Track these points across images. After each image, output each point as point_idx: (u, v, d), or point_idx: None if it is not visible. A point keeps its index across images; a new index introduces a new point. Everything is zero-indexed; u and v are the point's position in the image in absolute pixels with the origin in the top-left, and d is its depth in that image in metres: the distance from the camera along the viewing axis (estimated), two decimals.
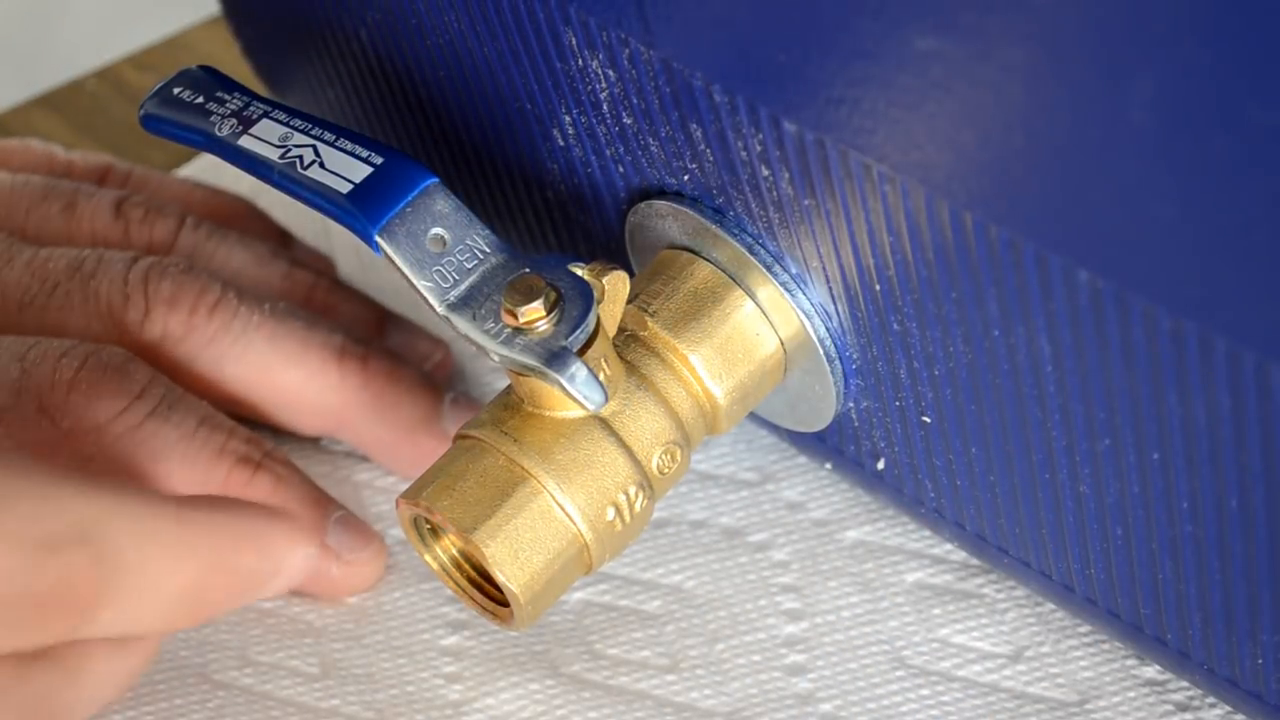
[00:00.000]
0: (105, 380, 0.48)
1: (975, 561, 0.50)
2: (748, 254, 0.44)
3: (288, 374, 0.51)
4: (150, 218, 0.54)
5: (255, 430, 0.52)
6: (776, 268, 0.44)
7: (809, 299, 0.44)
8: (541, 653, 0.49)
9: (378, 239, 0.43)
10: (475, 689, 0.48)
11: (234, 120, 0.46)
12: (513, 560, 0.43)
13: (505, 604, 0.44)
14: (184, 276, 0.51)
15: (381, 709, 0.48)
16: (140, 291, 0.50)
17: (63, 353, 0.49)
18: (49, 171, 0.57)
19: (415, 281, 0.43)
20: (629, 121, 0.44)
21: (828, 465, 0.50)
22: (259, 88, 0.60)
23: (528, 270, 0.43)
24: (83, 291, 0.51)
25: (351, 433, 0.52)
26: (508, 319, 0.43)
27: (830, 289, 0.43)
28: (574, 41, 0.43)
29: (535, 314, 0.42)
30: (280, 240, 0.58)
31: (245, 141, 0.46)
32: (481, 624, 0.50)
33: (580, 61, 0.44)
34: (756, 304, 0.45)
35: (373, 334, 0.55)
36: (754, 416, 0.49)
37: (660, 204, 0.46)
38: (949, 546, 0.50)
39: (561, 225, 0.51)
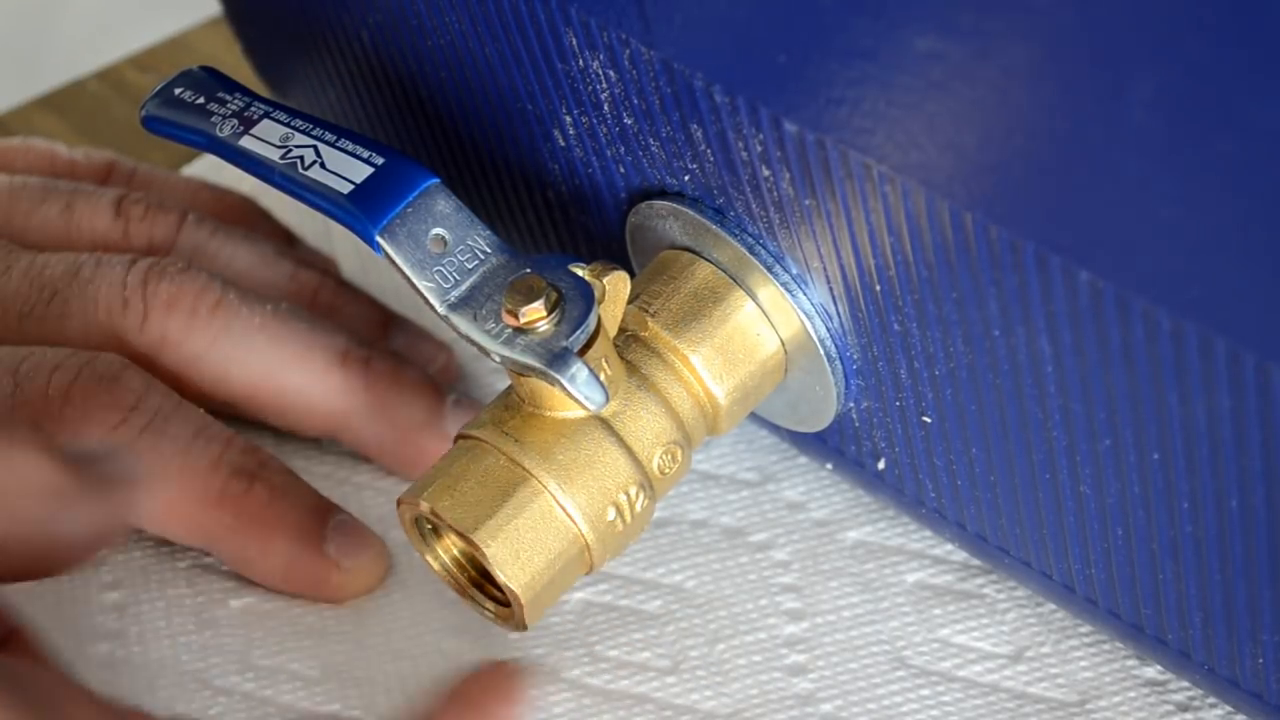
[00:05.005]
0: (99, 393, 0.48)
1: (976, 562, 0.50)
2: (748, 254, 0.44)
3: (290, 377, 0.51)
4: (151, 215, 0.54)
5: (256, 434, 0.52)
6: (777, 268, 0.44)
7: (810, 299, 0.44)
8: (542, 657, 0.49)
9: (379, 239, 0.43)
10: None
11: (235, 121, 0.46)
12: (514, 560, 0.43)
13: (507, 604, 0.44)
14: (183, 277, 0.50)
15: (382, 713, 0.48)
16: (139, 294, 0.50)
17: (56, 365, 0.49)
18: (51, 171, 0.56)
19: (416, 282, 0.43)
20: (630, 122, 0.44)
21: (828, 465, 0.50)
22: (260, 88, 0.60)
23: (528, 270, 0.43)
24: (81, 298, 0.50)
25: (353, 435, 0.52)
26: (508, 319, 0.43)
27: (831, 289, 0.43)
28: (575, 42, 0.43)
29: (536, 314, 0.42)
30: (285, 240, 0.57)
31: (246, 142, 0.46)
32: (483, 627, 0.50)
33: (581, 62, 0.44)
34: (757, 304, 0.45)
35: (377, 336, 0.55)
36: (755, 417, 0.49)
37: (661, 204, 0.46)
38: (950, 547, 0.50)
39: (562, 225, 0.51)
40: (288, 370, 0.51)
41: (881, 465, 0.47)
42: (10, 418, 0.48)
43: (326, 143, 0.45)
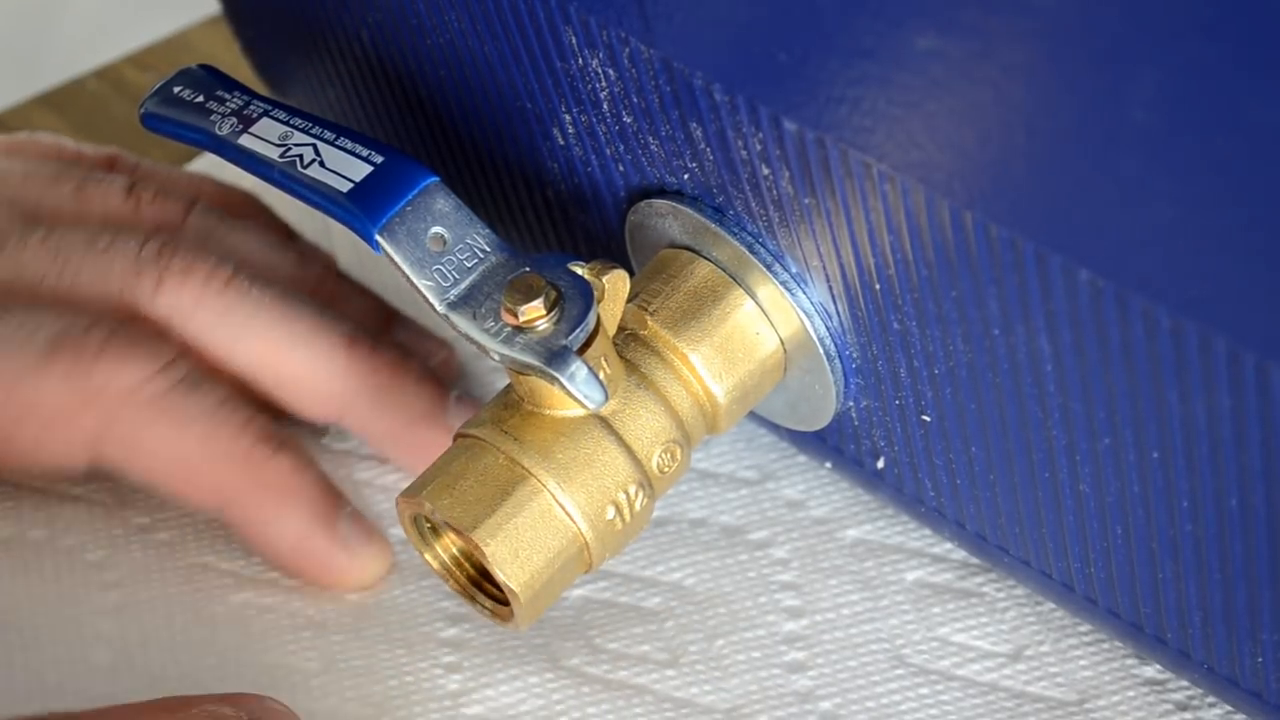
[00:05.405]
0: (134, 347, 0.49)
1: (975, 560, 0.50)
2: (748, 253, 0.44)
3: (296, 356, 0.51)
4: (160, 200, 0.54)
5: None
6: (776, 267, 0.44)
7: (809, 298, 0.44)
8: (541, 645, 0.49)
9: (378, 238, 0.43)
10: (475, 680, 0.48)
11: (234, 119, 0.46)
12: (513, 559, 0.43)
13: (505, 603, 0.44)
14: (197, 253, 0.51)
15: (380, 702, 0.48)
16: (153, 265, 0.51)
17: (92, 323, 0.49)
18: (58, 160, 0.57)
19: (415, 280, 0.43)
20: (629, 120, 0.44)
21: (827, 464, 0.50)
22: (259, 87, 0.60)
23: (528, 269, 0.43)
24: (96, 266, 0.51)
25: (355, 420, 0.52)
26: (508, 318, 0.43)
27: (830, 288, 0.43)
28: (574, 40, 0.43)
29: (535, 313, 0.42)
30: (286, 235, 0.58)
31: (245, 140, 0.46)
32: (481, 618, 0.50)
33: (580, 60, 0.44)
34: (756, 303, 0.45)
35: (379, 330, 0.55)
36: (754, 415, 0.49)
37: (660, 203, 0.46)
38: (949, 545, 0.50)
39: (561, 224, 0.51)
40: (296, 349, 0.51)
41: (881, 464, 0.47)
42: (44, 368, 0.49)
43: (325, 141, 0.45)
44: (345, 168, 0.44)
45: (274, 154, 0.45)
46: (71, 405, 0.49)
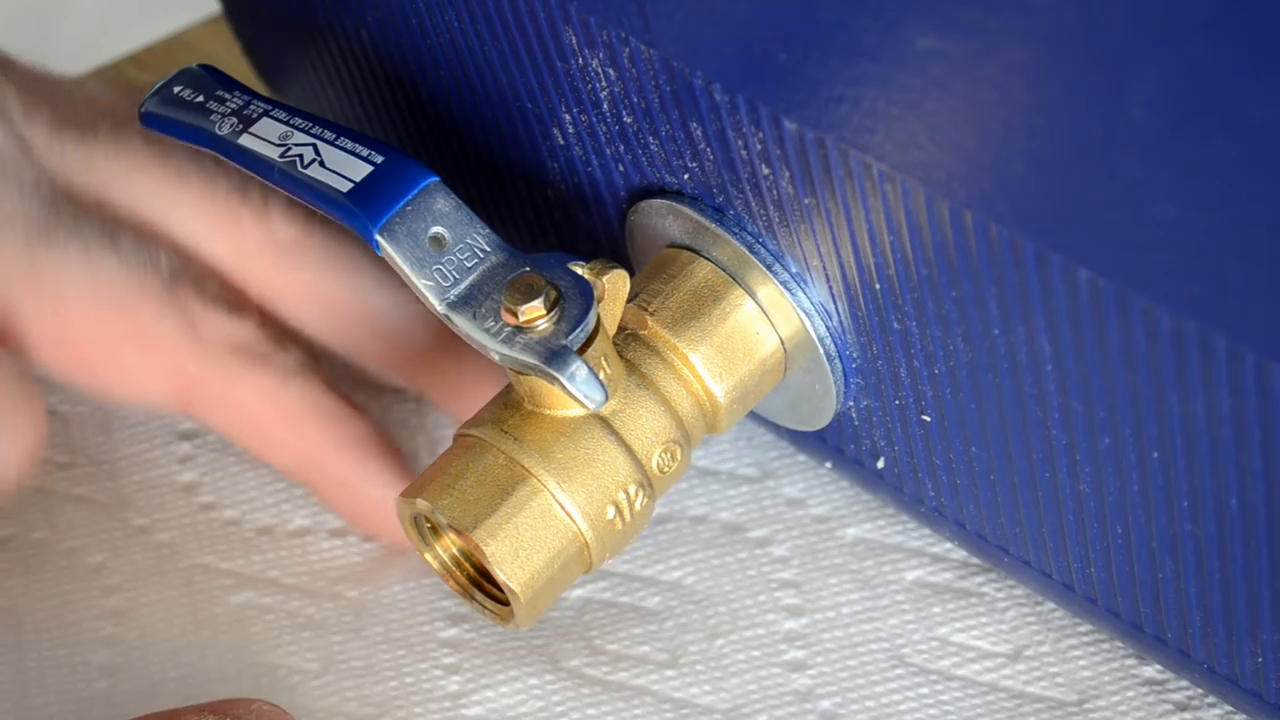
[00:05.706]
0: (239, 307, 0.50)
1: (975, 560, 0.50)
2: (748, 253, 0.44)
3: (397, 295, 0.52)
4: None
5: None
6: (776, 266, 0.44)
7: (809, 298, 0.44)
8: (541, 647, 0.49)
9: (378, 238, 0.43)
10: (474, 681, 0.49)
11: (234, 119, 0.46)
12: (513, 559, 0.43)
13: (505, 603, 0.44)
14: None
15: (380, 702, 0.48)
16: (267, 195, 0.51)
17: (203, 274, 0.50)
18: None
19: (415, 280, 0.43)
20: (629, 120, 0.44)
21: (828, 464, 0.50)
22: (259, 87, 0.60)
23: (528, 269, 0.43)
24: (205, 178, 0.51)
25: (428, 365, 0.53)
26: (508, 318, 0.43)
27: (830, 288, 0.43)
28: (574, 40, 0.43)
29: (535, 313, 0.42)
30: None
31: (246, 140, 0.46)
32: (481, 617, 0.50)
33: (580, 60, 0.44)
34: (756, 303, 0.45)
35: None
36: (754, 415, 0.49)
37: (660, 203, 0.46)
38: (949, 545, 0.50)
39: (562, 224, 0.51)
40: (398, 288, 0.51)
41: (881, 464, 0.47)
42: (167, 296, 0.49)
43: (326, 141, 0.45)
44: (345, 168, 0.44)
45: (274, 154, 0.45)
46: (178, 343, 0.49)
